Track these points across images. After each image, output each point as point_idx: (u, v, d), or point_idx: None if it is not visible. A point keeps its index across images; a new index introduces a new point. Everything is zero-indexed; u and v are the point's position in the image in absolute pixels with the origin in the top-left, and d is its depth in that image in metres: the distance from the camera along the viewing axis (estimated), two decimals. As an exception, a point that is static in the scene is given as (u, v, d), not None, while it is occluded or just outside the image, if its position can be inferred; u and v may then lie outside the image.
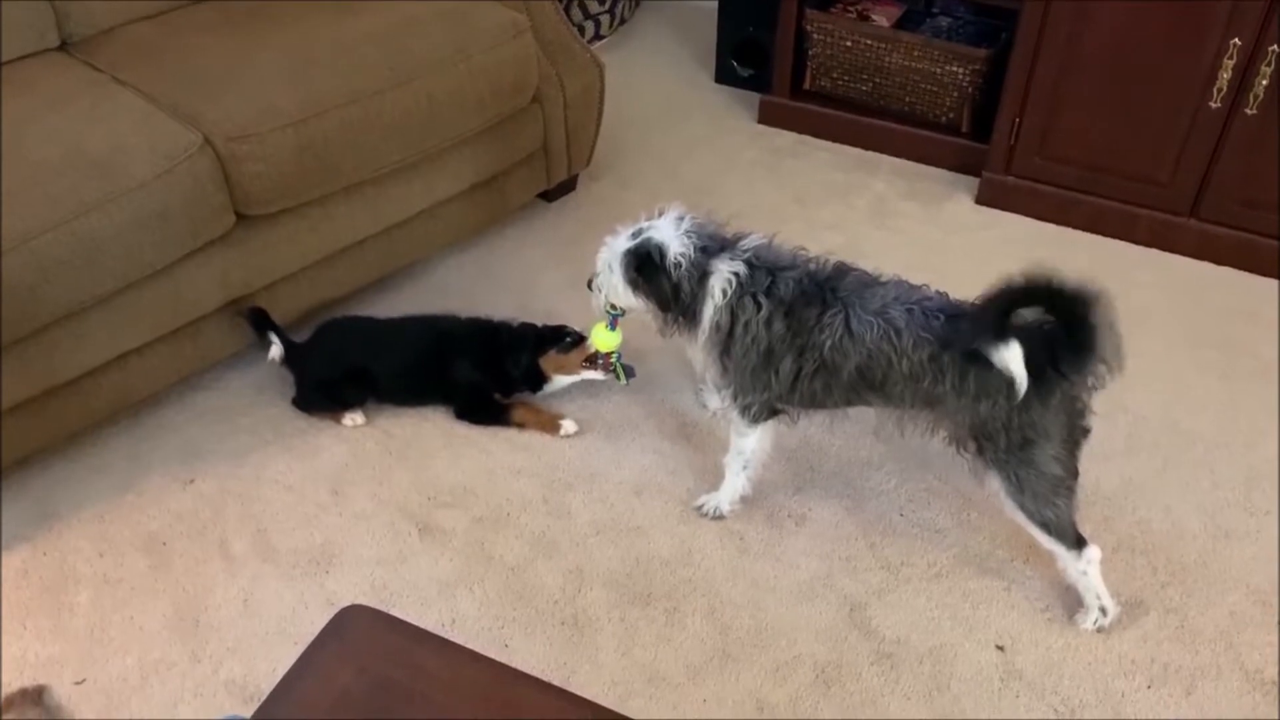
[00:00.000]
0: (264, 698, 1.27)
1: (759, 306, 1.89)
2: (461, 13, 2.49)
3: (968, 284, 2.73)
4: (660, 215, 2.01)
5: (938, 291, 1.90)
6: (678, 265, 1.93)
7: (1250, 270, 2.80)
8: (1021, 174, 2.95)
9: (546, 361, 2.33)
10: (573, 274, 2.78)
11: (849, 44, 3.14)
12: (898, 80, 3.14)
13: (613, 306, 2.09)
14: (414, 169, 2.48)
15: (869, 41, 3.10)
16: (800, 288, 1.88)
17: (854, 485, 2.23)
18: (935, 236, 2.95)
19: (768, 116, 3.40)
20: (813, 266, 1.93)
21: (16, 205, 1.90)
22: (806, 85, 3.33)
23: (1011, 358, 1.69)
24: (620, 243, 2.02)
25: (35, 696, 1.82)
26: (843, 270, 1.93)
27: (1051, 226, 2.96)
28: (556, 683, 1.61)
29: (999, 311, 1.71)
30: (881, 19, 3.19)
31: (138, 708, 1.82)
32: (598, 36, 3.74)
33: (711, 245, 1.95)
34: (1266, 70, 2.51)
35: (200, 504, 2.17)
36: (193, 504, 2.17)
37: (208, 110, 2.16)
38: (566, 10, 3.53)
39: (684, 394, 2.45)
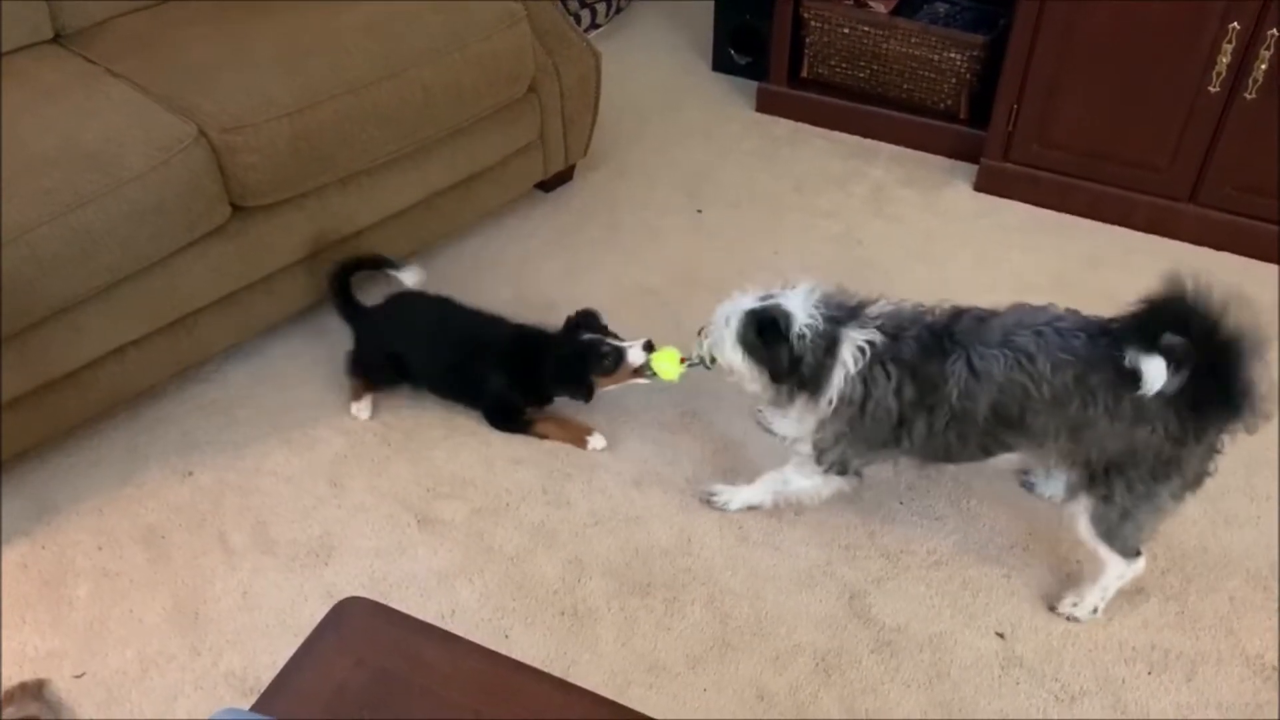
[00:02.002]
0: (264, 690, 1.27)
1: (889, 375, 1.80)
2: (457, 2, 2.47)
3: (966, 271, 2.73)
4: (793, 286, 1.91)
5: (1068, 309, 1.80)
6: (802, 336, 1.83)
7: (1249, 255, 2.80)
8: (1020, 160, 2.94)
9: (597, 380, 2.26)
10: (570, 263, 2.78)
11: (846, 31, 3.12)
12: (895, 67, 3.12)
13: (712, 359, 2.01)
14: (410, 159, 2.47)
15: (866, 28, 3.09)
16: (920, 344, 1.80)
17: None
18: (934, 224, 2.95)
19: (765, 105, 3.39)
20: (929, 319, 1.84)
21: (12, 198, 1.89)
22: (804, 73, 3.31)
23: (1152, 367, 1.61)
24: (745, 301, 1.92)
25: (35, 690, 1.82)
26: (958, 313, 1.84)
27: (1050, 213, 2.95)
28: (556, 673, 1.61)
29: (1149, 325, 1.64)
30: (879, 5, 3.17)
31: (137, 700, 1.82)
32: (594, 25, 3.73)
33: (840, 314, 1.86)
34: (1265, 54, 2.50)
35: (199, 496, 2.17)
36: (191, 496, 2.17)
37: (202, 102, 2.15)
38: (564, 0, 3.52)
39: (681, 384, 2.43)
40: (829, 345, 1.83)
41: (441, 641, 1.34)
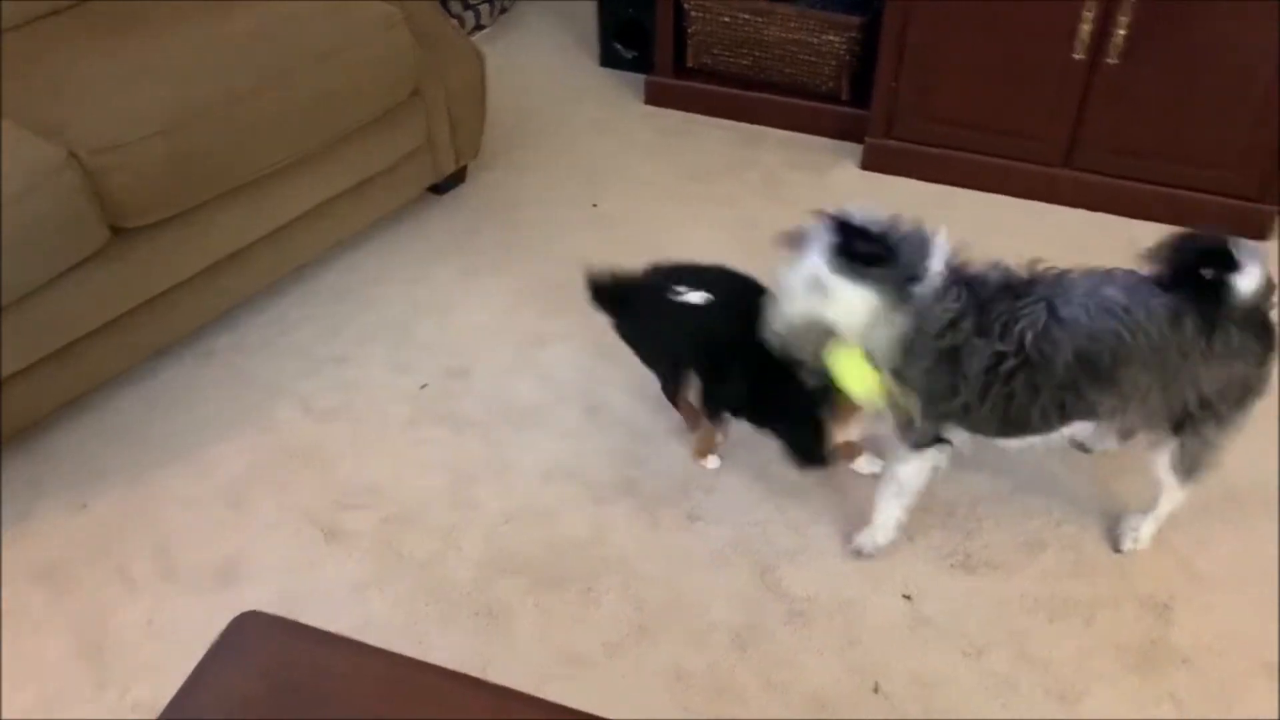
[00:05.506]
0: (166, 715, 1.24)
1: (958, 330, 1.68)
2: (332, 9, 2.45)
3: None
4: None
5: (1123, 270, 1.73)
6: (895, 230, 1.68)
7: (1124, 215, 2.90)
8: (902, 137, 3.01)
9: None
10: (468, 264, 2.78)
11: (726, 19, 3.16)
12: (776, 53, 3.17)
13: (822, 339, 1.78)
14: (295, 170, 2.44)
15: (746, 16, 3.13)
16: (995, 285, 1.70)
17: (758, 452, 2.24)
18: (825, 204, 2.99)
19: (654, 97, 3.41)
20: (1007, 271, 1.74)
21: None
22: (689, 63, 3.35)
23: (1246, 280, 1.61)
24: (811, 247, 1.73)
25: (-68, 740, 1.76)
26: (1034, 274, 1.75)
27: (935, 186, 3.03)
28: (473, 673, 1.60)
29: (1189, 265, 1.64)
30: (757, -8, 3.23)
31: (43, 741, 1.77)
32: (479, 27, 3.71)
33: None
34: (1123, 20, 2.60)
35: (96, 528, 2.11)
36: (88, 528, 2.11)
37: (71, 123, 2.09)
38: (445, 2, 3.50)
39: (589, 377, 2.45)
40: (921, 244, 1.68)
41: (345, 649, 1.32)
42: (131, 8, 2.43)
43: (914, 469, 1.91)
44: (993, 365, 1.68)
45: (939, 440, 1.86)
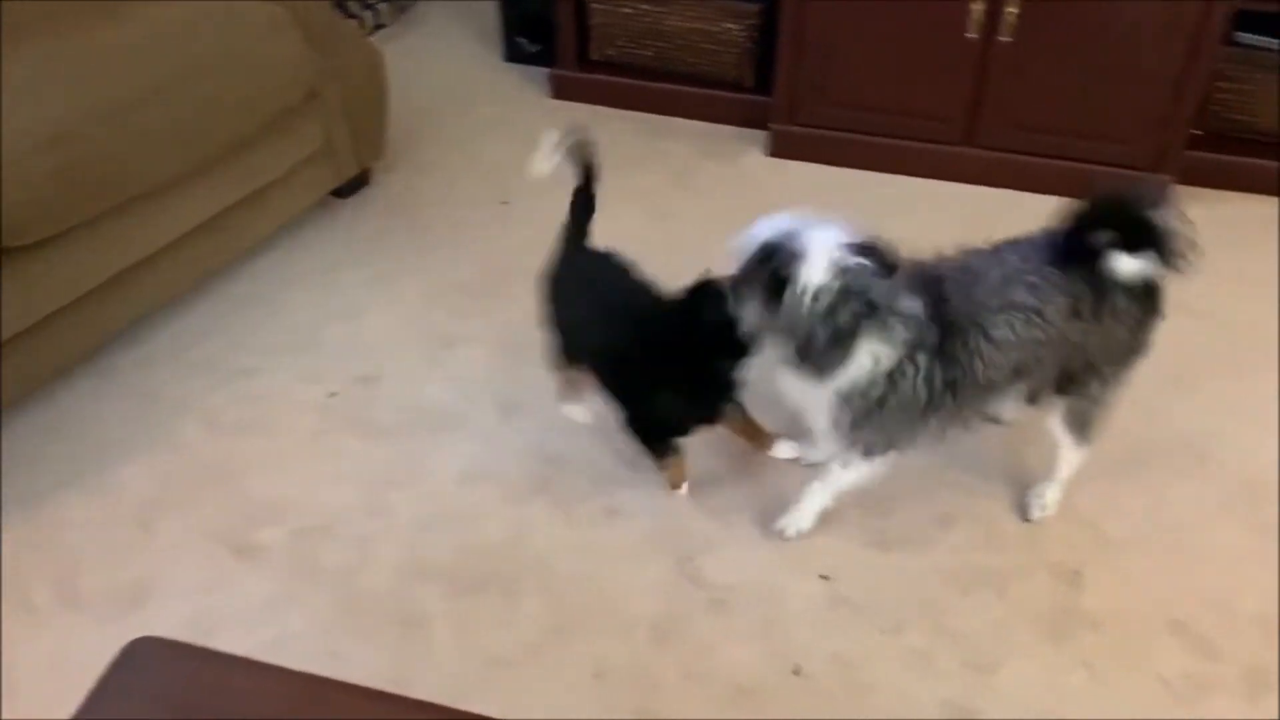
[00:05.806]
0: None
1: (917, 368, 1.70)
2: (217, 12, 2.38)
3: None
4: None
5: (1005, 242, 1.80)
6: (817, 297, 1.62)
7: (1027, 190, 2.95)
8: (806, 123, 3.03)
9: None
10: (378, 268, 2.74)
11: (628, 11, 3.15)
12: (679, 43, 3.17)
13: None
14: (191, 179, 2.37)
15: (646, 6, 3.12)
16: (942, 323, 1.69)
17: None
18: (735, 192, 3.01)
19: (560, 90, 3.39)
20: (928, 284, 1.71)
21: None
22: (593, 56, 3.33)
23: (1122, 264, 1.70)
24: (765, 229, 1.74)
25: None
26: (938, 278, 1.73)
27: (842, 170, 3.06)
28: (391, 684, 1.58)
29: (1084, 235, 1.72)
30: (657, -17, 3.22)
31: (-57, 784, 1.71)
32: (379, 26, 3.65)
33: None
34: (1013, -1, 2.65)
35: (-5, 559, 2.04)
36: (-14, 561, 2.04)
37: (-53, 140, 2.01)
38: (343, 1, 3.44)
39: (501, 377, 2.42)
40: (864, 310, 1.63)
41: (247, 670, 1.29)
42: (8, 17, 2.33)
43: (862, 475, 1.93)
44: (959, 403, 1.78)
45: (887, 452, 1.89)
